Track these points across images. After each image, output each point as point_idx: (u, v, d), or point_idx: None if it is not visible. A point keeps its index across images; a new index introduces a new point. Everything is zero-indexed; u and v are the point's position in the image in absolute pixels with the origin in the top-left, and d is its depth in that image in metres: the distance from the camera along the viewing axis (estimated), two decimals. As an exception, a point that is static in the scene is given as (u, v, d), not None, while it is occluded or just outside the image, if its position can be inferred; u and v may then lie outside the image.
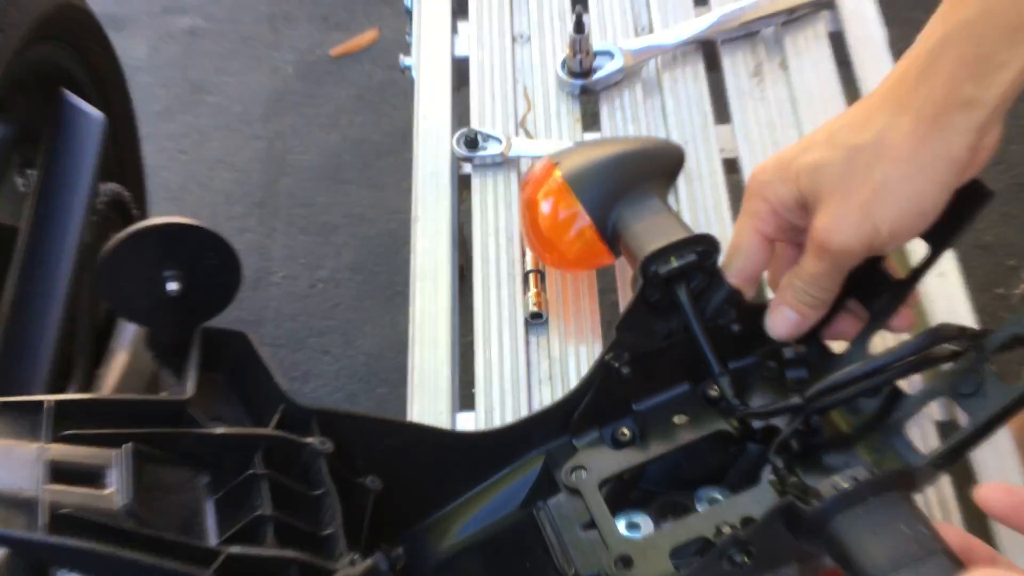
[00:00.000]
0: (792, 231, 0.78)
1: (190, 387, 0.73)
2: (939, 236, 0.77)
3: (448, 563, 0.77)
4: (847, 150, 0.72)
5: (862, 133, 0.72)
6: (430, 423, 0.88)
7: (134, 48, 2.38)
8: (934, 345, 0.76)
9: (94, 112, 1.41)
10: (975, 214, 0.77)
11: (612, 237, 0.86)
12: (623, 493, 0.78)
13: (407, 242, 1.00)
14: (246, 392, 0.77)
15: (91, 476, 0.64)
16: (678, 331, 0.80)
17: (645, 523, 0.76)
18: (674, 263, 0.78)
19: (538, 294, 0.94)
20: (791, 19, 1.13)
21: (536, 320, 0.93)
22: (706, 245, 0.78)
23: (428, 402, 0.90)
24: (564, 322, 0.94)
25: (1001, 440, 0.85)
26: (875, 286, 0.80)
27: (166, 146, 2.23)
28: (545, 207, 0.89)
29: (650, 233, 0.81)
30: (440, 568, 0.77)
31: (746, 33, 1.13)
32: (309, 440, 0.72)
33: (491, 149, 1.04)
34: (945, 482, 0.83)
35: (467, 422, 0.89)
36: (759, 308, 0.81)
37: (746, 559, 0.66)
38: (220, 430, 0.71)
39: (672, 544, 0.72)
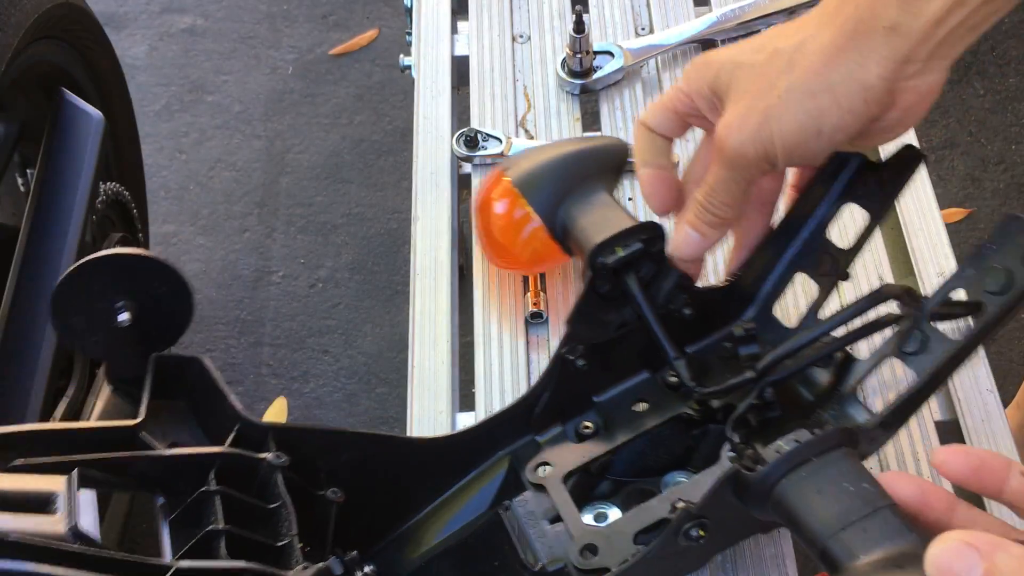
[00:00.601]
0: (703, 120, 0.77)
1: (141, 411, 0.73)
2: (877, 203, 0.78)
3: (421, 571, 0.78)
4: (768, 53, 0.69)
5: (787, 39, 0.69)
6: (429, 423, 0.88)
7: (133, 47, 2.38)
8: (877, 304, 0.77)
9: (93, 111, 1.41)
10: (909, 178, 0.77)
11: (562, 235, 0.87)
12: (591, 486, 0.79)
13: (407, 241, 1.00)
14: (204, 417, 0.77)
15: (38, 503, 0.64)
16: (631, 320, 0.81)
17: (613, 513, 0.76)
18: (620, 253, 0.78)
19: (538, 294, 0.94)
20: (791, 19, 1.13)
21: (536, 320, 0.93)
22: (651, 232, 0.78)
23: (428, 402, 0.90)
24: (564, 322, 0.93)
25: (1001, 441, 0.85)
26: (820, 257, 0.81)
27: (165, 145, 2.23)
28: (496, 212, 0.91)
29: (596, 226, 0.81)
30: None
31: (746, 33, 1.13)
32: (264, 456, 0.72)
33: (491, 149, 1.04)
34: (945, 480, 0.83)
35: (467, 422, 0.89)
36: (710, 291, 0.82)
37: (702, 533, 0.67)
38: (171, 452, 0.71)
39: (636, 529, 0.72)
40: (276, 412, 1.87)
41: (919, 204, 0.99)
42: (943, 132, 2.17)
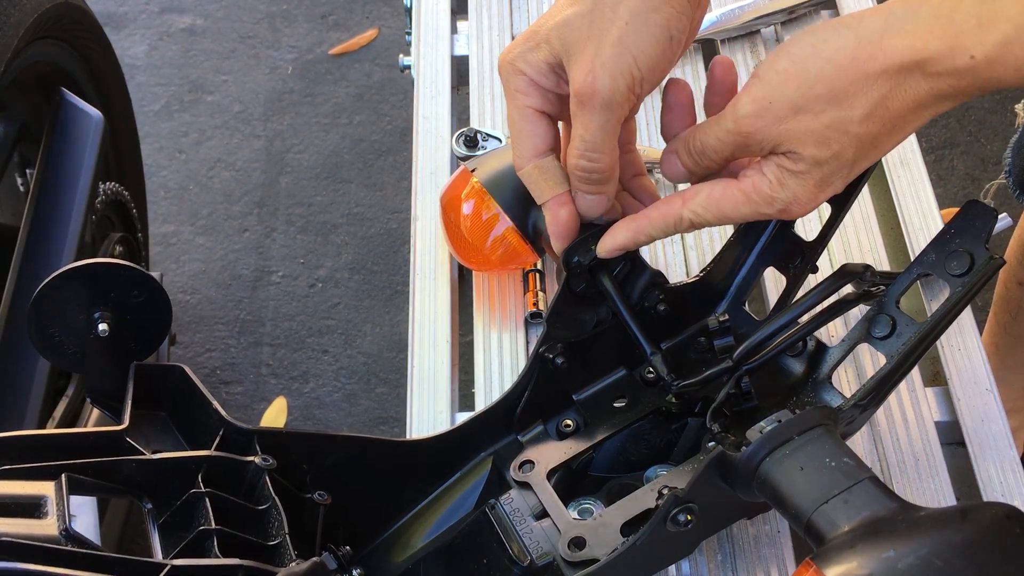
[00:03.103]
0: (558, 103, 0.77)
1: (125, 418, 0.73)
2: (839, 198, 0.80)
3: (409, 573, 0.78)
4: (591, 2, 0.72)
5: None
6: (429, 423, 0.88)
7: (133, 47, 2.38)
8: (841, 285, 0.80)
9: (93, 111, 1.41)
10: (867, 177, 0.80)
11: (534, 236, 0.87)
12: (574, 483, 0.80)
13: (406, 241, 1.00)
14: (187, 425, 0.78)
15: (29, 508, 0.65)
16: (607, 318, 0.82)
17: (597, 507, 0.77)
18: (595, 251, 0.79)
19: (537, 294, 0.94)
20: (791, 19, 1.13)
21: (536, 320, 0.93)
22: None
23: (428, 402, 0.90)
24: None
25: (1001, 441, 0.85)
26: (788, 251, 0.83)
27: (165, 145, 2.23)
28: (464, 212, 0.91)
29: None
30: None
31: (746, 32, 1.13)
32: (251, 459, 0.73)
33: (491, 148, 1.04)
34: (944, 480, 0.83)
35: (467, 422, 0.89)
36: (683, 288, 0.83)
37: (689, 517, 0.68)
38: (158, 455, 0.71)
39: (622, 520, 0.74)
40: (276, 412, 1.87)
41: (919, 204, 0.99)
42: (943, 132, 2.17)
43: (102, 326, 0.75)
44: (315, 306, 2.01)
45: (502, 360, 0.92)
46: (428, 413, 0.89)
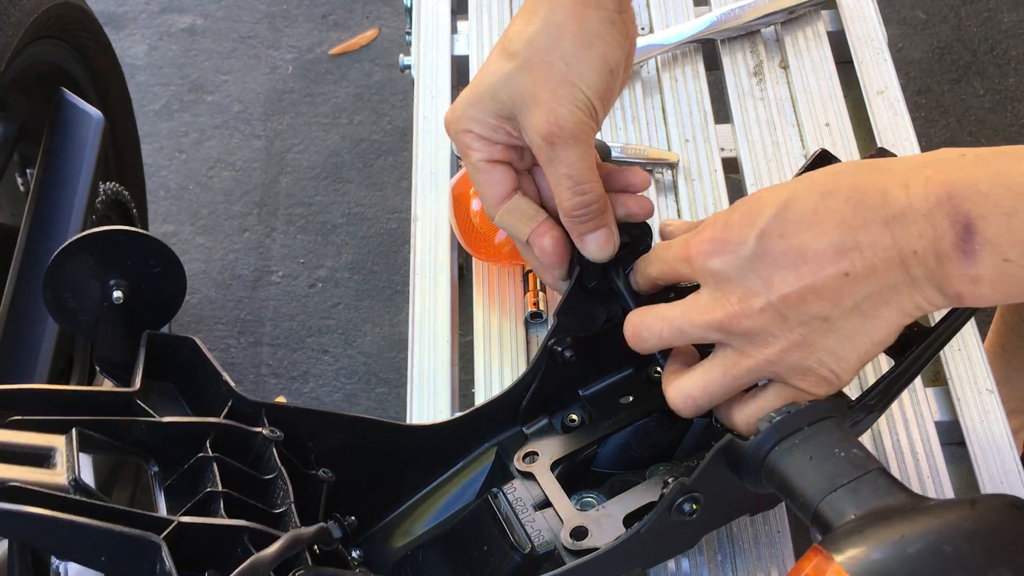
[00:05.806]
0: (511, 153, 0.79)
1: (136, 381, 0.73)
2: None
3: (408, 559, 0.78)
4: (525, 51, 0.75)
5: (527, 29, 0.75)
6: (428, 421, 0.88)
7: (133, 47, 2.38)
8: None
9: (93, 111, 1.41)
10: None
11: None
12: (577, 477, 0.80)
13: (406, 241, 1.00)
14: (195, 396, 0.78)
15: (39, 458, 0.65)
16: (617, 315, 0.82)
17: (599, 501, 0.77)
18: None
19: (537, 293, 0.94)
20: (791, 18, 1.13)
21: (536, 320, 0.93)
22: (638, 230, 0.80)
23: (428, 402, 0.90)
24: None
25: (1001, 441, 0.85)
26: None
27: (165, 145, 2.23)
28: (475, 209, 0.91)
29: None
30: (400, 564, 0.78)
31: (746, 32, 1.13)
32: (259, 430, 0.73)
33: (491, 148, 1.04)
34: (944, 480, 0.83)
35: (467, 422, 0.89)
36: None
37: (694, 507, 0.68)
38: (169, 419, 0.71)
39: (625, 512, 0.74)
40: (276, 412, 1.87)
41: (919, 204, 0.99)
42: (943, 132, 2.17)
43: (116, 294, 0.75)
44: (315, 306, 2.01)
45: (502, 360, 0.92)
46: (428, 413, 0.89)
